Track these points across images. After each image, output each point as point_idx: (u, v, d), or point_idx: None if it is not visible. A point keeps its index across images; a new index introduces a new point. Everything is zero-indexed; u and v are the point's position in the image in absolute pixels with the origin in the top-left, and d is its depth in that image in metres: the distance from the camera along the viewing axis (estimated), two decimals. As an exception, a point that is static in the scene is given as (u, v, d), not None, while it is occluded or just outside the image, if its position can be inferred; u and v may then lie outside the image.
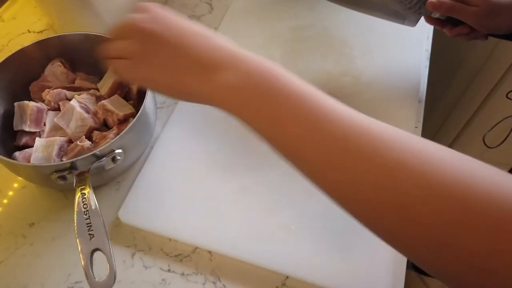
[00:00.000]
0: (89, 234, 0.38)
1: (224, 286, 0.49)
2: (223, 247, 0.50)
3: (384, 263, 0.49)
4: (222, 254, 0.50)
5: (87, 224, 0.39)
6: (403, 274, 0.50)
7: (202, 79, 0.34)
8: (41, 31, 0.74)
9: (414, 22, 0.60)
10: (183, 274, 0.50)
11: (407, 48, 0.69)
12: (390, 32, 0.71)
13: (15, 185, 0.58)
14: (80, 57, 0.60)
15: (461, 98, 1.27)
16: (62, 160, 0.50)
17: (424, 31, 0.71)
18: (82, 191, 0.42)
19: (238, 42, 0.70)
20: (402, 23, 0.61)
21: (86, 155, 0.45)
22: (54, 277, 0.50)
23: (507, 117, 0.65)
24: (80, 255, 0.37)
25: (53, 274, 0.50)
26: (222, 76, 0.33)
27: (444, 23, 0.60)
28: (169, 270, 0.50)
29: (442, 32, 0.82)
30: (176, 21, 0.37)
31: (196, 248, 0.51)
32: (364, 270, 0.48)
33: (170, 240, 0.52)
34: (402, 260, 0.50)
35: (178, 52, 0.35)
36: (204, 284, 0.49)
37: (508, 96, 0.65)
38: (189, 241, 0.51)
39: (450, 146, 1.42)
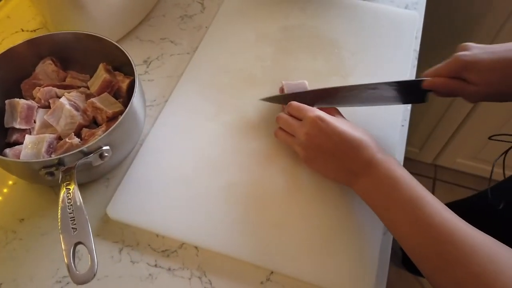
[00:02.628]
0: (72, 228, 0.39)
1: (210, 281, 0.50)
2: (210, 242, 0.51)
3: (368, 259, 0.50)
4: (208, 249, 0.51)
5: (70, 218, 0.39)
6: (386, 270, 0.50)
7: (349, 181, 0.51)
8: (35, 30, 0.75)
9: (423, 99, 0.56)
10: (169, 269, 0.51)
11: (395, 48, 0.70)
12: (379, 32, 0.72)
13: (10, 182, 0.58)
14: (71, 56, 0.61)
15: (452, 103, 1.28)
16: (51, 157, 0.51)
17: (412, 31, 0.72)
18: (67, 187, 0.43)
19: (229, 42, 0.71)
20: (413, 102, 0.59)
21: (73, 151, 0.46)
22: (43, 271, 0.51)
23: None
24: (63, 247, 0.38)
25: (42, 268, 0.51)
26: (361, 182, 0.49)
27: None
28: (156, 265, 0.51)
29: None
30: (336, 133, 0.50)
31: (183, 243, 0.52)
32: (348, 266, 0.49)
33: (157, 236, 0.53)
34: (386, 257, 0.51)
35: (334, 159, 0.51)
36: (190, 279, 0.50)
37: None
38: (176, 237, 0.52)
39: (447, 143, 1.43)
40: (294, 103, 0.55)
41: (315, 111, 0.52)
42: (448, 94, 0.54)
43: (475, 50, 0.51)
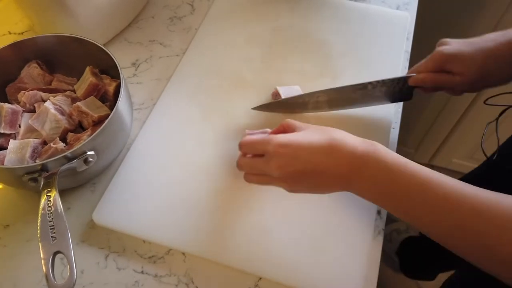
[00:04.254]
0: (51, 236, 0.38)
1: (197, 287, 0.49)
2: (197, 248, 0.50)
3: (357, 265, 0.49)
4: (196, 255, 0.51)
5: (50, 226, 0.39)
6: (376, 274, 0.50)
7: (344, 187, 0.47)
8: (22, 33, 0.74)
9: (409, 96, 0.58)
10: (156, 275, 0.50)
11: (386, 49, 0.69)
12: (369, 33, 0.71)
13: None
14: (57, 59, 0.60)
15: (447, 103, 1.27)
16: (35, 162, 0.50)
17: (404, 32, 0.71)
18: (48, 194, 0.42)
19: (219, 43, 0.70)
20: (400, 100, 0.61)
21: (57, 156, 0.45)
22: (28, 278, 0.50)
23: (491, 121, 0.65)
24: (41, 255, 0.37)
25: (27, 275, 0.50)
26: (355, 184, 0.45)
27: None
28: (142, 272, 0.50)
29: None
30: (304, 149, 0.45)
31: (170, 249, 0.52)
32: (336, 272, 0.49)
33: (144, 241, 0.52)
34: (375, 263, 0.50)
35: (318, 175, 0.46)
36: (177, 285, 0.49)
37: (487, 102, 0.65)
38: (163, 243, 0.51)
39: (442, 144, 1.42)
40: (243, 141, 0.49)
41: (272, 141, 0.46)
42: (434, 88, 0.56)
43: (454, 44, 0.55)
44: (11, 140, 0.52)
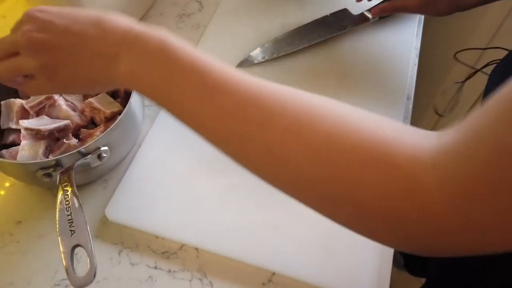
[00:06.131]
0: (70, 230, 0.38)
1: (211, 283, 0.49)
2: (210, 244, 0.50)
3: (370, 260, 0.49)
4: (209, 251, 0.51)
5: (68, 220, 0.39)
6: (389, 272, 0.50)
7: (108, 73, 0.36)
8: (31, 30, 0.74)
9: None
10: (169, 271, 0.50)
11: (396, 46, 0.69)
12: (379, 29, 0.71)
13: (7, 184, 0.58)
14: (68, 55, 0.60)
15: (455, 103, 1.27)
16: (48, 158, 0.50)
17: (413, 28, 0.71)
18: (65, 189, 0.42)
19: (227, 40, 0.70)
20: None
21: (71, 152, 0.45)
22: (41, 274, 0.50)
23: (455, 82, 0.67)
24: (61, 249, 0.37)
25: (40, 271, 0.50)
26: (123, 65, 0.35)
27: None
28: (155, 267, 0.50)
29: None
30: (63, 14, 0.36)
31: (183, 245, 0.52)
32: (349, 267, 0.49)
33: (157, 237, 0.52)
34: (388, 258, 0.50)
35: (77, 49, 0.36)
36: (190, 281, 0.49)
37: (456, 56, 0.68)
38: (176, 238, 0.51)
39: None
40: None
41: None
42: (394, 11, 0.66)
43: None
44: (23, 136, 0.52)
